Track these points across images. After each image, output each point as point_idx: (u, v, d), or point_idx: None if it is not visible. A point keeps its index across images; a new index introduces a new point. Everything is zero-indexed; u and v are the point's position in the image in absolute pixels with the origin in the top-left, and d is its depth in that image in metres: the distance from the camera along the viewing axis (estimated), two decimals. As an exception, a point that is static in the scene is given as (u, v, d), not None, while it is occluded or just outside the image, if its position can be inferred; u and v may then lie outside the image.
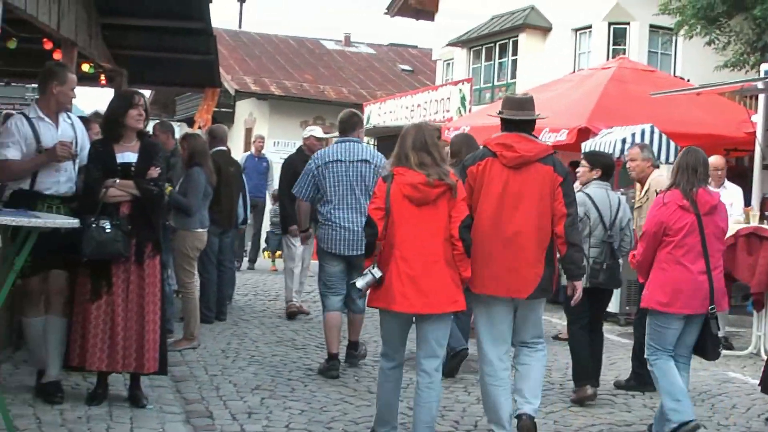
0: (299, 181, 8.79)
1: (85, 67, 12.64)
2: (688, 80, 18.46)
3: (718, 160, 11.26)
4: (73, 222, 6.35)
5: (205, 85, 15.35)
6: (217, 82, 15.36)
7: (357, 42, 37.72)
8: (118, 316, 6.72)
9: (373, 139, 23.45)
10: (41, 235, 6.14)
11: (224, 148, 11.56)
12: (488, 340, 6.52)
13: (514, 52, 24.23)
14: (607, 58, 20.87)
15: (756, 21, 16.42)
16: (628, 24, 21.81)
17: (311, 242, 11.31)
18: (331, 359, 8.51)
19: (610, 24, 22.01)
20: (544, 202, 6.43)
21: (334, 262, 8.57)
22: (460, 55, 26.48)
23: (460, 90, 20.94)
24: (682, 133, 13.20)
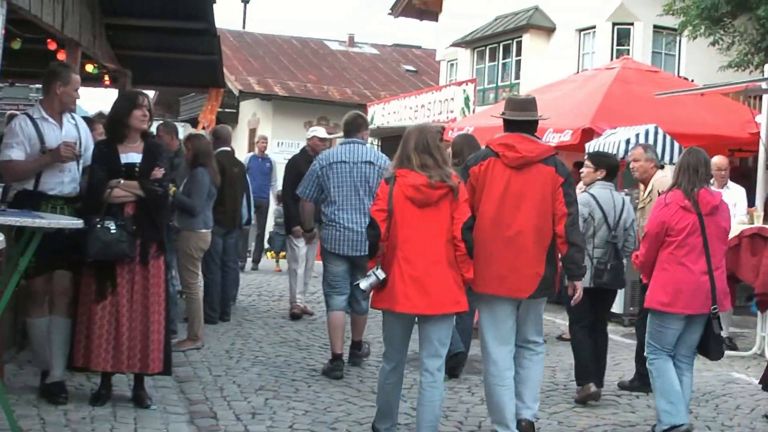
0: (303, 182, 8.79)
1: (89, 68, 12.67)
2: (692, 81, 18.44)
3: (721, 160, 11.25)
4: (77, 222, 6.36)
5: (209, 85, 15.38)
6: (221, 82, 15.38)
7: (361, 42, 37.70)
8: (123, 316, 6.72)
9: (377, 140, 23.45)
10: (45, 236, 6.14)
11: (228, 148, 11.56)
12: (492, 340, 6.53)
13: (518, 53, 24.19)
14: (611, 58, 20.84)
15: (760, 21, 16.38)
16: (632, 24, 21.78)
17: (315, 243, 11.30)
18: (335, 360, 8.51)
19: (614, 24, 21.98)
20: (546, 202, 6.46)
21: (338, 263, 8.58)
22: (464, 56, 26.46)
23: (464, 90, 20.92)
24: (686, 134, 13.17)
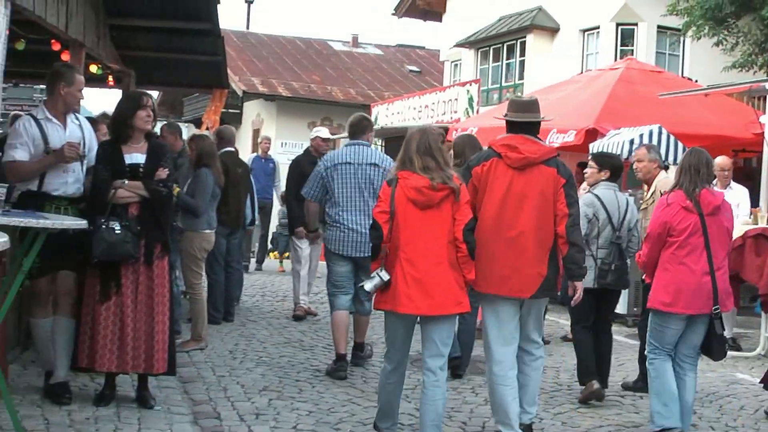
0: (308, 183, 8.81)
1: (93, 68, 12.67)
2: (696, 81, 18.44)
3: (724, 160, 11.24)
4: (81, 223, 6.36)
5: (213, 86, 15.38)
6: (225, 83, 15.38)
7: (365, 43, 37.73)
8: (128, 317, 6.72)
9: (381, 140, 23.45)
10: (49, 236, 6.15)
11: (232, 149, 11.56)
12: (495, 341, 6.54)
13: (522, 53, 24.20)
14: (615, 58, 20.84)
15: (764, 22, 16.38)
16: (636, 25, 21.78)
17: (319, 244, 11.30)
18: (339, 360, 8.51)
19: (618, 25, 21.98)
20: (548, 203, 6.48)
21: (342, 263, 8.59)
22: (468, 56, 26.47)
23: (468, 91, 20.94)
24: (690, 134, 13.19)
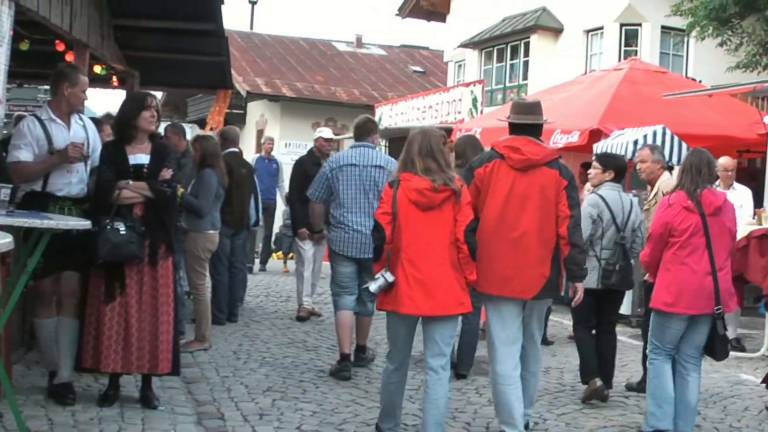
0: (313, 184, 8.82)
1: (97, 69, 12.70)
2: (700, 81, 18.43)
3: (727, 161, 11.22)
4: (85, 223, 6.36)
5: (217, 86, 15.39)
6: (229, 83, 15.39)
7: (368, 43, 37.71)
8: (132, 317, 6.73)
9: (385, 141, 23.44)
10: (53, 237, 6.15)
11: (236, 149, 11.57)
12: (499, 341, 6.55)
13: (526, 54, 24.20)
14: (619, 59, 20.83)
15: (768, 22, 16.40)
16: (640, 25, 21.76)
17: (322, 245, 11.29)
18: (343, 360, 8.52)
19: (622, 25, 21.96)
20: (549, 204, 6.50)
21: (346, 264, 8.59)
22: (472, 57, 26.46)
23: (472, 91, 20.90)
24: (694, 135, 13.16)
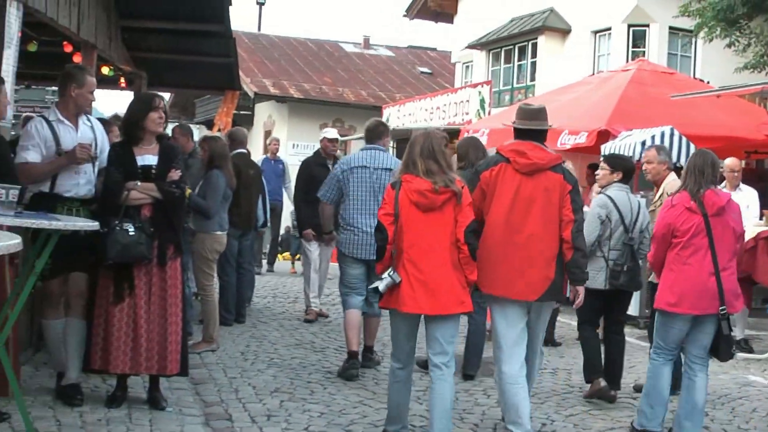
0: (324, 185, 8.86)
1: (105, 70, 12.72)
2: (708, 82, 18.40)
3: (733, 161, 11.19)
4: (93, 224, 6.36)
5: (225, 87, 15.40)
6: (237, 84, 15.39)
7: (376, 44, 37.76)
8: (141, 318, 6.73)
9: (392, 141, 23.43)
10: (61, 238, 6.15)
11: (244, 150, 11.56)
12: (505, 341, 6.58)
13: (534, 55, 24.21)
14: (627, 60, 20.82)
15: (776, 23, 16.38)
16: (648, 26, 21.75)
17: (332, 246, 11.27)
18: (351, 358, 8.52)
19: (630, 26, 21.96)
20: (553, 208, 6.56)
21: (355, 266, 8.60)
22: (479, 58, 26.47)
23: (480, 92, 20.90)
24: (702, 136, 13.15)
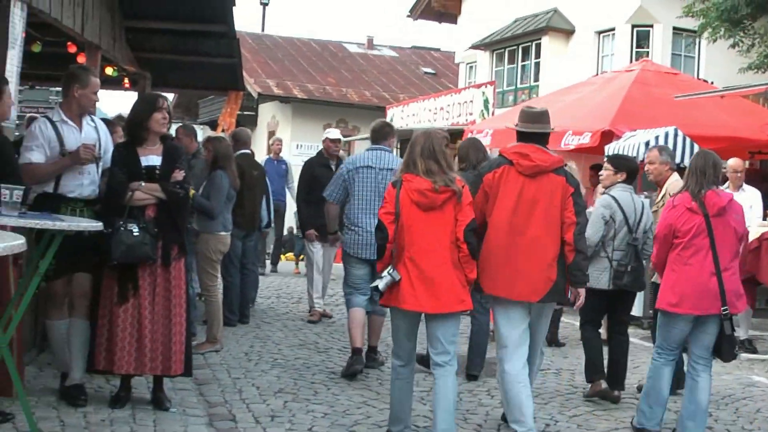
0: (330, 184, 8.89)
1: (109, 71, 12.75)
2: (712, 83, 18.38)
3: (736, 162, 11.18)
4: (96, 225, 6.36)
5: (228, 88, 15.41)
6: (241, 85, 15.40)
7: (380, 45, 37.71)
8: (145, 318, 6.73)
9: (396, 142, 23.43)
10: (65, 238, 6.15)
11: (248, 151, 11.56)
12: (508, 341, 6.62)
13: (537, 55, 24.18)
14: (631, 60, 20.81)
15: (781, 23, 16.35)
16: (652, 26, 21.73)
17: (335, 246, 11.26)
18: (355, 354, 8.53)
19: (634, 26, 21.93)
20: (555, 210, 6.60)
21: (360, 266, 8.61)
22: (483, 58, 26.45)
23: (483, 93, 20.88)
24: (706, 136, 13.13)
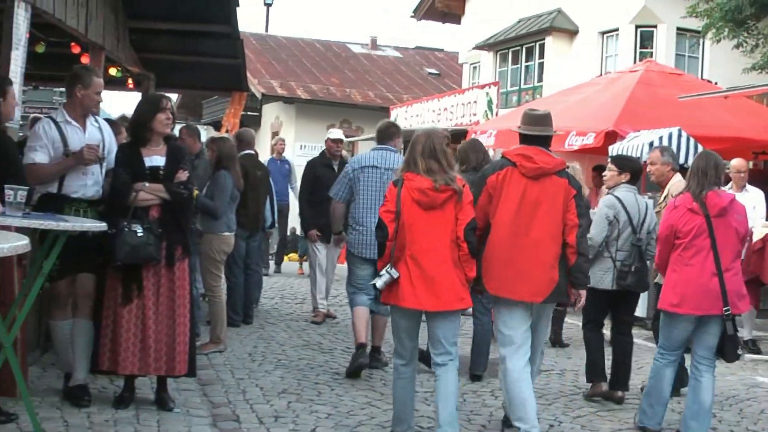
0: (336, 184, 8.92)
1: (113, 71, 12.75)
2: (716, 83, 18.36)
3: (740, 162, 11.16)
4: (100, 225, 6.37)
5: (232, 88, 15.41)
6: (244, 85, 15.40)
7: (383, 45, 37.72)
8: (150, 319, 6.74)
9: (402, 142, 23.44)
10: (69, 239, 6.16)
11: (252, 151, 11.55)
12: (510, 341, 6.61)
13: (541, 56, 24.16)
14: (635, 61, 20.79)
15: (784, 24, 16.34)
16: (656, 27, 21.70)
17: (340, 246, 11.25)
18: (359, 348, 8.54)
19: (638, 27, 21.91)
20: (558, 212, 6.60)
21: (364, 266, 8.61)
22: (487, 59, 26.44)
23: (487, 93, 20.87)
24: (710, 137, 13.13)
